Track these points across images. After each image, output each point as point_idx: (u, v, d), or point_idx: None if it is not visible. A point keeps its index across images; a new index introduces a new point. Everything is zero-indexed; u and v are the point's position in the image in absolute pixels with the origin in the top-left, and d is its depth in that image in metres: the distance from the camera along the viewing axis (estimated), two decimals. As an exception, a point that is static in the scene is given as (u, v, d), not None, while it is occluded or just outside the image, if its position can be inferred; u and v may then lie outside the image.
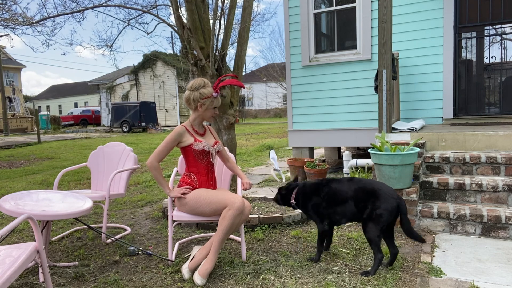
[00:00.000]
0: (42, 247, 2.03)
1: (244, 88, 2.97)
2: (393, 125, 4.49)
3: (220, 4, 4.59)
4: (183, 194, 2.79)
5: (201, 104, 2.81)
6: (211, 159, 2.94)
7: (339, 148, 7.19)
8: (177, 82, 28.76)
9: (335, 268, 2.70)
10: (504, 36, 5.30)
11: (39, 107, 47.12)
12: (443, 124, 5.32)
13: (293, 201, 2.92)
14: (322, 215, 2.79)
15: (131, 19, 6.20)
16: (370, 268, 2.61)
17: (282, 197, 2.99)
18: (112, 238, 3.37)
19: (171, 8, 4.99)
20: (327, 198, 2.75)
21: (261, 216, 3.70)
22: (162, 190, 3.26)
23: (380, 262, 2.57)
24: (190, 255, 2.98)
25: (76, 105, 46.33)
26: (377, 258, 2.55)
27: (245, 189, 2.96)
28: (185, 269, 2.68)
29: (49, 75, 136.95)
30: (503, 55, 5.30)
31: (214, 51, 4.44)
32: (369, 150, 3.66)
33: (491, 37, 5.40)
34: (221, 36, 4.59)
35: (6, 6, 7.76)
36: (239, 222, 2.69)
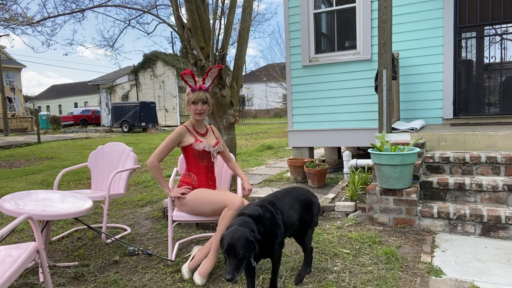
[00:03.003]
0: (42, 247, 2.03)
1: (221, 67, 2.98)
2: (393, 125, 4.49)
3: (220, 4, 4.59)
4: (182, 194, 2.80)
5: (186, 103, 2.90)
6: (211, 159, 2.94)
7: (339, 148, 7.18)
8: (177, 82, 28.76)
9: (335, 268, 2.70)
10: (504, 36, 5.30)
11: (39, 107, 47.11)
12: (443, 124, 5.32)
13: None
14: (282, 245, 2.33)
15: (132, 19, 6.20)
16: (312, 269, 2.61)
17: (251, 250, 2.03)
18: (112, 238, 3.37)
19: (171, 8, 4.99)
20: (283, 225, 2.32)
21: (261, 216, 3.69)
22: (162, 190, 3.24)
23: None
24: (190, 255, 2.98)
25: (76, 105, 46.32)
26: (312, 256, 2.62)
27: (246, 195, 2.96)
28: (185, 269, 2.68)
29: (50, 75, 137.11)
30: (503, 55, 5.30)
31: (214, 51, 4.44)
32: (369, 150, 3.66)
33: (491, 37, 5.39)
34: (221, 36, 4.59)
35: (6, 6, 7.76)
36: (239, 222, 2.69)
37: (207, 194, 2.76)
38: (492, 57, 5.35)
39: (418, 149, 3.50)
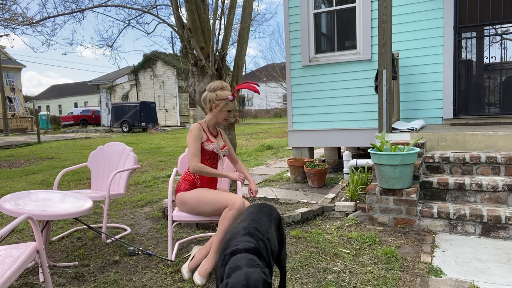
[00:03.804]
0: (42, 247, 2.03)
1: (259, 94, 3.00)
2: (393, 125, 4.49)
3: (220, 4, 4.59)
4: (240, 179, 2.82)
5: (215, 105, 2.87)
6: (217, 161, 2.99)
7: (339, 148, 7.18)
8: (177, 82, 28.76)
9: (335, 268, 2.70)
10: (504, 36, 5.30)
11: (39, 107, 47.11)
12: (443, 124, 5.32)
13: None
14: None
15: (131, 19, 6.19)
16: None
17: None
18: (112, 238, 3.37)
19: (171, 8, 4.99)
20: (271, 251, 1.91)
21: (261, 216, 3.69)
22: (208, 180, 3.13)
23: None
24: (190, 255, 2.98)
25: (76, 105, 46.33)
26: (285, 278, 2.25)
27: (252, 197, 3.00)
28: (185, 269, 2.68)
29: (51, 75, 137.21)
30: (503, 55, 5.30)
31: (214, 51, 4.44)
32: (369, 150, 3.66)
33: (491, 37, 5.39)
34: (221, 36, 4.59)
35: (6, 6, 7.76)
36: (239, 222, 2.70)
37: (208, 193, 2.77)
38: (492, 57, 5.35)
39: (418, 149, 3.50)
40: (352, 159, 5.04)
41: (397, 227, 3.52)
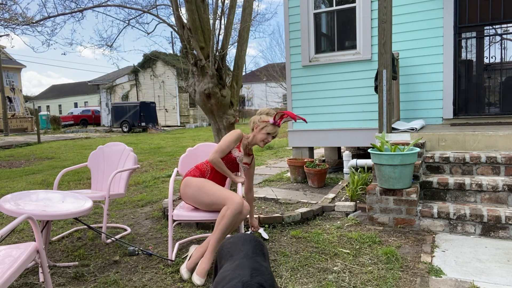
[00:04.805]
0: (42, 247, 2.03)
1: (295, 120, 3.17)
2: (393, 125, 4.49)
3: (220, 4, 4.59)
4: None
5: (256, 125, 3.13)
6: (234, 170, 3.14)
7: (339, 148, 7.18)
8: (177, 82, 28.75)
9: (335, 268, 2.70)
10: (504, 36, 5.30)
11: (39, 107, 47.10)
12: (443, 124, 5.32)
13: None
14: None
15: (131, 19, 6.18)
16: None
17: None
18: (112, 238, 3.37)
19: (171, 8, 4.99)
20: None
21: (261, 216, 3.70)
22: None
23: None
24: (187, 255, 2.99)
25: (76, 105, 46.32)
26: None
27: (254, 232, 3.29)
28: (183, 269, 2.69)
29: (51, 75, 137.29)
30: (503, 55, 5.30)
31: (214, 51, 4.44)
32: (369, 150, 3.66)
33: (491, 37, 5.39)
34: (221, 36, 4.59)
35: (6, 6, 7.76)
36: (237, 222, 2.72)
37: (212, 185, 2.87)
38: (492, 57, 5.35)
39: (418, 149, 3.50)
40: (352, 159, 5.04)
41: (397, 227, 3.52)
